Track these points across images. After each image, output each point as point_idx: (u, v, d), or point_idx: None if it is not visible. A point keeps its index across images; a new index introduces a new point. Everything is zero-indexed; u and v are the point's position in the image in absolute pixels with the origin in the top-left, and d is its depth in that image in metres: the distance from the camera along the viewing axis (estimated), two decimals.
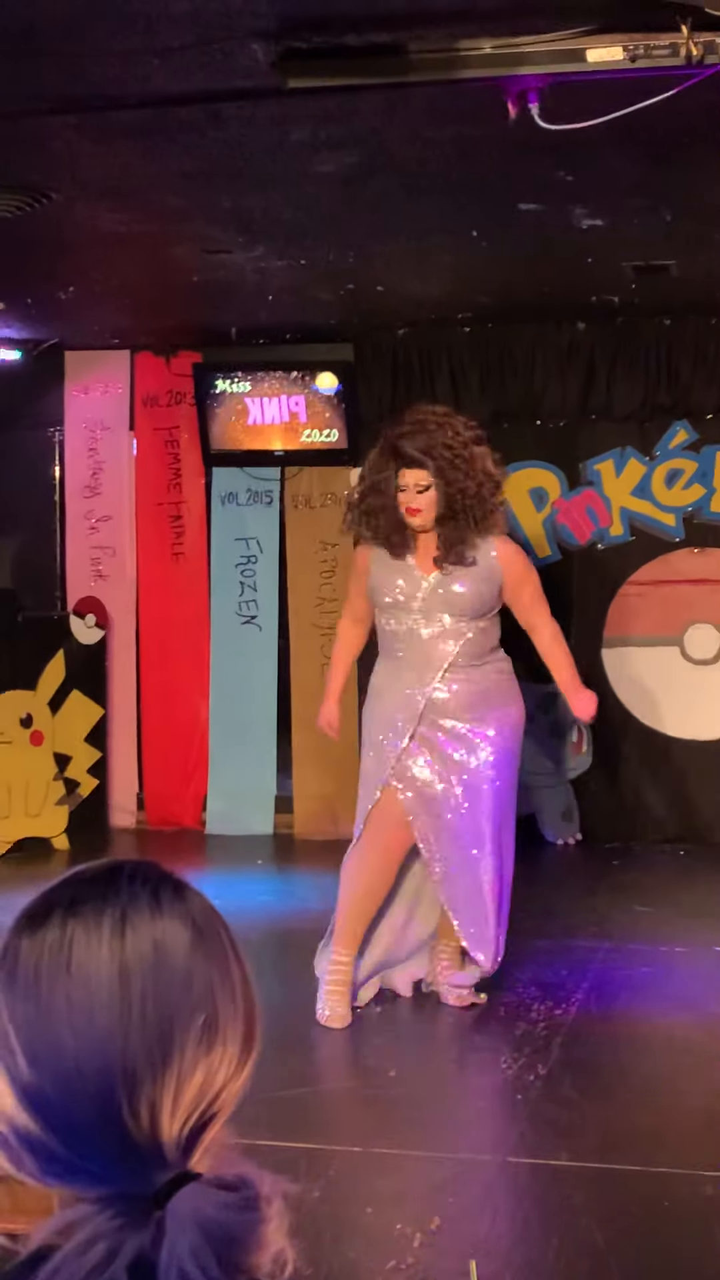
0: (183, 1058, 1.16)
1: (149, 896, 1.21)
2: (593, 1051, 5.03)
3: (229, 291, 7.37)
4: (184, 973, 1.19)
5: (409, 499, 5.43)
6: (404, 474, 5.43)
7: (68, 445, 9.02)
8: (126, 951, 1.17)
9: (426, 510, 5.41)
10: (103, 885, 1.22)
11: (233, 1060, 1.20)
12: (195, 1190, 1.13)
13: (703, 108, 4.10)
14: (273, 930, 6.63)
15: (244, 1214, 1.12)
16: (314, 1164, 3.97)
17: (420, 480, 5.40)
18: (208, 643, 8.88)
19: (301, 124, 4.84)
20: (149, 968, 1.17)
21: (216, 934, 1.23)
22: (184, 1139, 1.16)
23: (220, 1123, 1.20)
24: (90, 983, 1.17)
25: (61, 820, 8.47)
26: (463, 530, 5.43)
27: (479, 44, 3.97)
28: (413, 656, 5.49)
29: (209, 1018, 1.18)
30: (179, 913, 1.21)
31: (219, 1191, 1.13)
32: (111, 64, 4.31)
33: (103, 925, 1.18)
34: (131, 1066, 1.15)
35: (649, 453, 8.35)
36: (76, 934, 1.18)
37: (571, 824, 8.44)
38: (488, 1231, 3.68)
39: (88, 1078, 1.15)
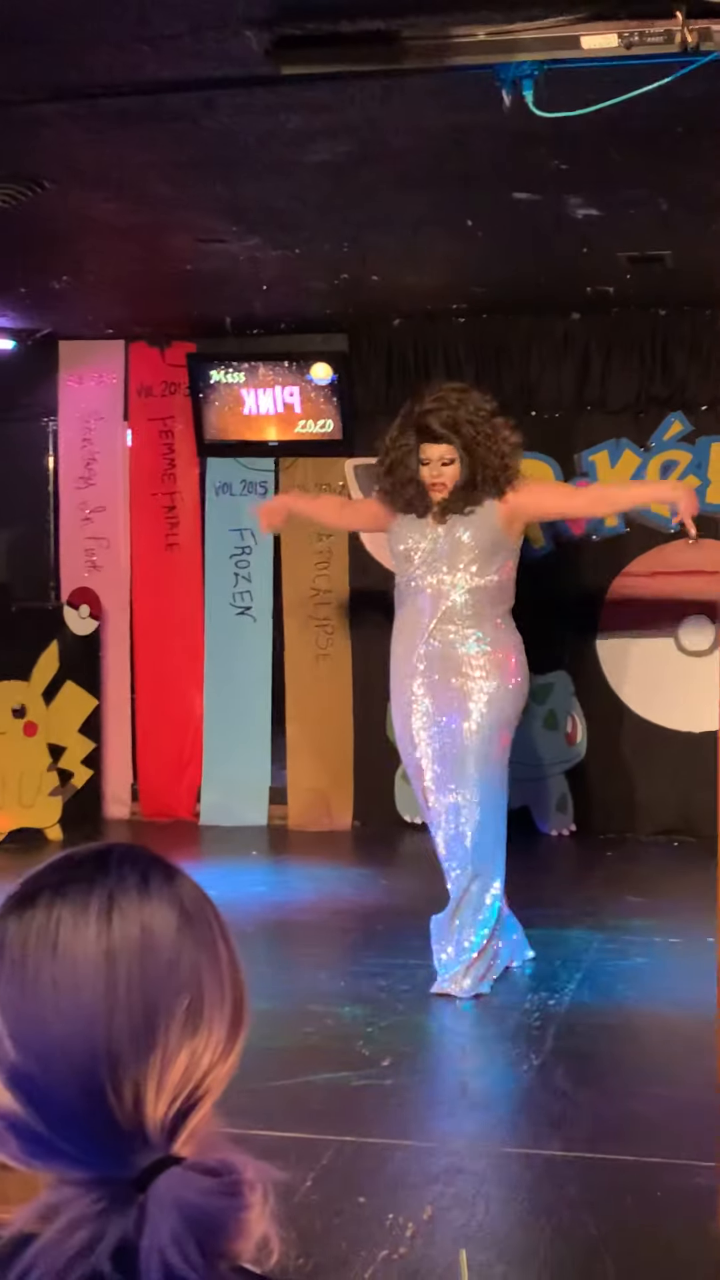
0: (167, 1041, 1.16)
1: (138, 880, 1.20)
2: (586, 1042, 5.03)
3: (223, 281, 7.35)
4: (170, 956, 1.18)
5: (432, 473, 5.64)
6: (427, 449, 5.65)
7: (62, 436, 9.00)
8: (113, 934, 1.17)
9: (449, 482, 5.64)
10: (92, 868, 1.21)
11: (219, 1044, 1.19)
12: (177, 1175, 1.12)
13: (698, 96, 4.09)
14: (266, 921, 6.62)
15: (226, 1200, 1.11)
16: (306, 1154, 3.96)
17: (445, 454, 5.62)
18: (202, 634, 8.87)
19: (296, 113, 4.83)
20: (135, 951, 1.17)
21: (205, 919, 1.23)
22: (168, 1123, 1.15)
23: (206, 1107, 1.19)
24: (76, 965, 1.16)
25: (55, 811, 8.46)
26: (473, 497, 5.65)
27: (473, 31, 3.96)
28: (416, 604, 5.69)
29: (194, 1001, 1.18)
30: (167, 897, 1.21)
31: (201, 1177, 1.12)
32: (104, 52, 4.29)
33: (90, 908, 1.18)
34: (116, 1049, 1.14)
35: (644, 444, 8.33)
36: (63, 916, 1.18)
37: (565, 815, 8.44)
38: (480, 1222, 3.68)
39: (72, 1060, 1.14)
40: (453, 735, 5.59)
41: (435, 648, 5.63)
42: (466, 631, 5.63)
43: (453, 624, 5.63)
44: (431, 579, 5.67)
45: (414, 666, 5.66)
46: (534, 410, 8.24)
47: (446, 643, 5.62)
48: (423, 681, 5.64)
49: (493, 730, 5.61)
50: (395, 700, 5.81)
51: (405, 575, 5.77)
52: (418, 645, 5.64)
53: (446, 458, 5.63)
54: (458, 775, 5.58)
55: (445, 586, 5.64)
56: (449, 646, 5.62)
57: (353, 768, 8.69)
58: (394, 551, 5.84)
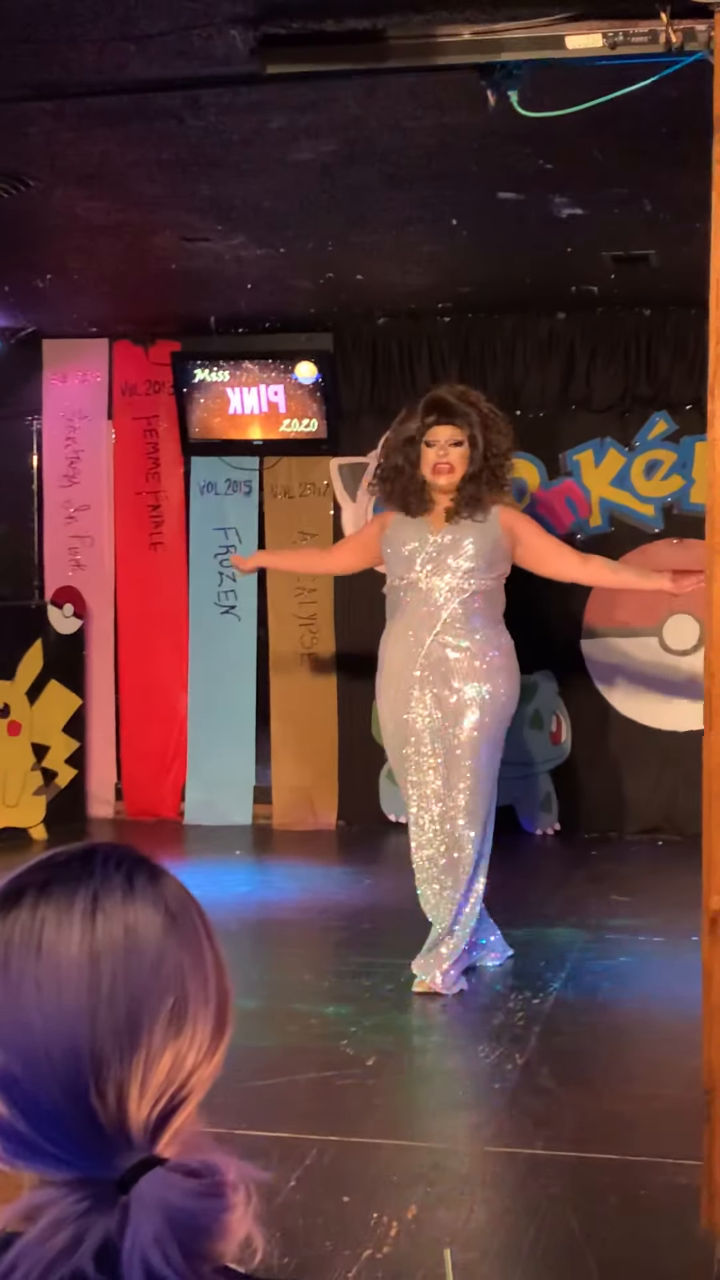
0: (150, 1042, 1.16)
1: (122, 880, 1.20)
2: (570, 1041, 5.03)
3: (208, 280, 7.35)
4: (154, 957, 1.18)
5: (439, 454, 5.58)
6: (436, 430, 5.60)
7: (45, 434, 8.99)
8: (97, 935, 1.17)
9: (457, 466, 5.59)
10: (77, 868, 1.21)
11: (203, 1045, 1.19)
12: (160, 1176, 1.12)
13: (682, 96, 4.09)
14: (251, 920, 6.62)
15: (208, 1201, 1.11)
16: (290, 1153, 3.96)
17: (455, 435, 5.58)
18: (186, 633, 8.86)
19: (280, 111, 4.83)
20: (119, 952, 1.17)
21: (190, 919, 1.23)
22: (152, 1123, 1.16)
23: (190, 1108, 1.19)
24: (59, 965, 1.16)
25: (39, 810, 8.45)
26: (480, 489, 5.61)
27: (458, 30, 3.96)
28: (415, 608, 5.60)
29: (178, 1002, 1.18)
30: (152, 897, 1.21)
31: (184, 1178, 1.12)
32: (89, 50, 4.29)
33: (74, 908, 1.18)
34: (99, 1049, 1.14)
35: (628, 443, 8.35)
36: (48, 916, 1.18)
37: (550, 814, 8.45)
38: (465, 1221, 3.68)
39: (55, 1060, 1.14)
40: (454, 740, 5.55)
41: (438, 654, 5.57)
42: (467, 638, 5.58)
43: (455, 629, 5.58)
44: (434, 583, 5.60)
45: (412, 675, 5.59)
46: (519, 409, 8.23)
47: (448, 648, 5.57)
48: (424, 687, 5.58)
49: (492, 735, 5.60)
50: (390, 702, 5.71)
51: (403, 578, 5.68)
52: (418, 651, 5.58)
53: (456, 438, 5.58)
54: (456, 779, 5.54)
55: (449, 592, 5.58)
56: (451, 651, 5.57)
57: (337, 767, 8.69)
58: (391, 553, 5.73)
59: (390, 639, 5.73)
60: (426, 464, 5.61)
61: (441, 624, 5.56)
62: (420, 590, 5.61)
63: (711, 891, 3.45)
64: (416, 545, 5.64)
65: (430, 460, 5.60)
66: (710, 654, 3.45)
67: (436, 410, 5.62)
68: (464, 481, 5.60)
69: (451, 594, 5.58)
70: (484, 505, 5.63)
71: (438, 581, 5.59)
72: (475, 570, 5.59)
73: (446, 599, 5.57)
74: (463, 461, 5.58)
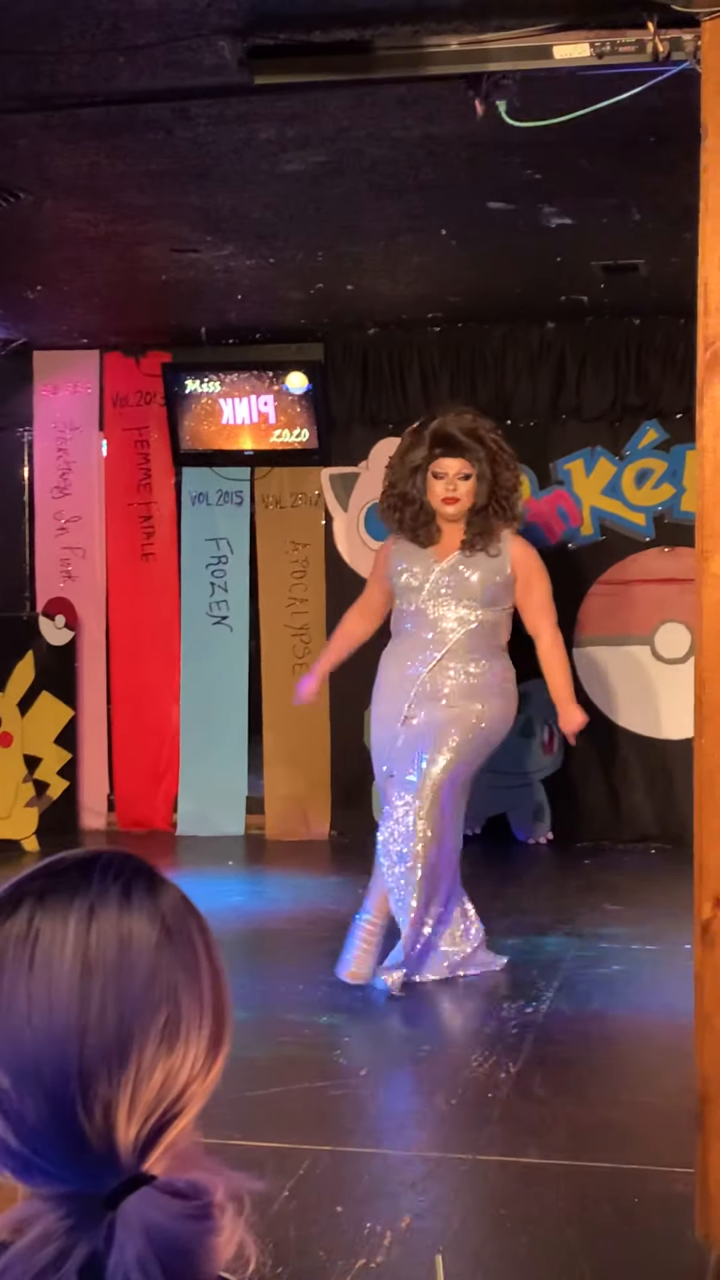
0: (141, 1059, 1.15)
1: (119, 892, 1.19)
2: (563, 1049, 5.03)
3: (198, 291, 7.35)
4: (146, 975, 1.17)
5: (447, 487, 5.59)
6: (444, 462, 5.60)
7: (37, 446, 8.98)
8: (90, 950, 1.16)
9: (464, 500, 5.60)
10: (75, 877, 1.20)
11: (196, 1061, 1.18)
12: (146, 1196, 1.11)
13: (670, 105, 4.10)
14: (244, 931, 6.61)
15: (194, 1223, 1.10)
16: (283, 1163, 3.95)
17: (464, 469, 5.59)
18: (178, 644, 8.86)
19: (269, 122, 4.83)
20: (111, 966, 1.16)
21: (187, 932, 1.21)
22: (141, 1141, 1.15)
23: (183, 1124, 1.18)
24: (52, 978, 1.15)
25: (31, 822, 8.44)
26: (491, 521, 5.64)
27: (446, 41, 3.97)
28: (418, 634, 5.64)
29: (170, 1019, 1.17)
30: (148, 909, 1.19)
31: (170, 1199, 1.11)
32: (77, 62, 4.29)
33: (69, 919, 1.17)
34: (88, 1066, 1.13)
35: (619, 452, 8.36)
36: (42, 927, 1.17)
37: (542, 823, 8.45)
38: (458, 1230, 3.67)
39: (44, 1074, 1.13)
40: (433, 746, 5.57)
41: (437, 680, 5.62)
42: (468, 666, 5.62)
43: (457, 659, 5.62)
44: (439, 613, 5.65)
45: (407, 696, 5.62)
46: (509, 419, 8.25)
47: (448, 675, 5.61)
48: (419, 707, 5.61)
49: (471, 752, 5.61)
50: (379, 716, 5.79)
51: (410, 605, 5.72)
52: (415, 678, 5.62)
53: (465, 472, 5.60)
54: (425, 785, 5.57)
55: (455, 622, 5.63)
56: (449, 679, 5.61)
57: (330, 777, 8.68)
58: (397, 580, 5.75)
59: (392, 658, 5.78)
60: (434, 495, 5.64)
61: (445, 653, 5.61)
62: (425, 619, 5.67)
63: (704, 900, 3.45)
64: (422, 574, 5.67)
65: (439, 492, 5.62)
66: (701, 662, 3.46)
67: (445, 444, 5.62)
68: (473, 514, 5.64)
69: (458, 624, 5.63)
70: (495, 536, 5.67)
71: (443, 612, 5.65)
72: (480, 602, 5.64)
73: (452, 629, 5.63)
74: (470, 495, 5.62)
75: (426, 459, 5.63)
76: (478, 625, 5.64)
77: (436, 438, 5.62)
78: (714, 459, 3.42)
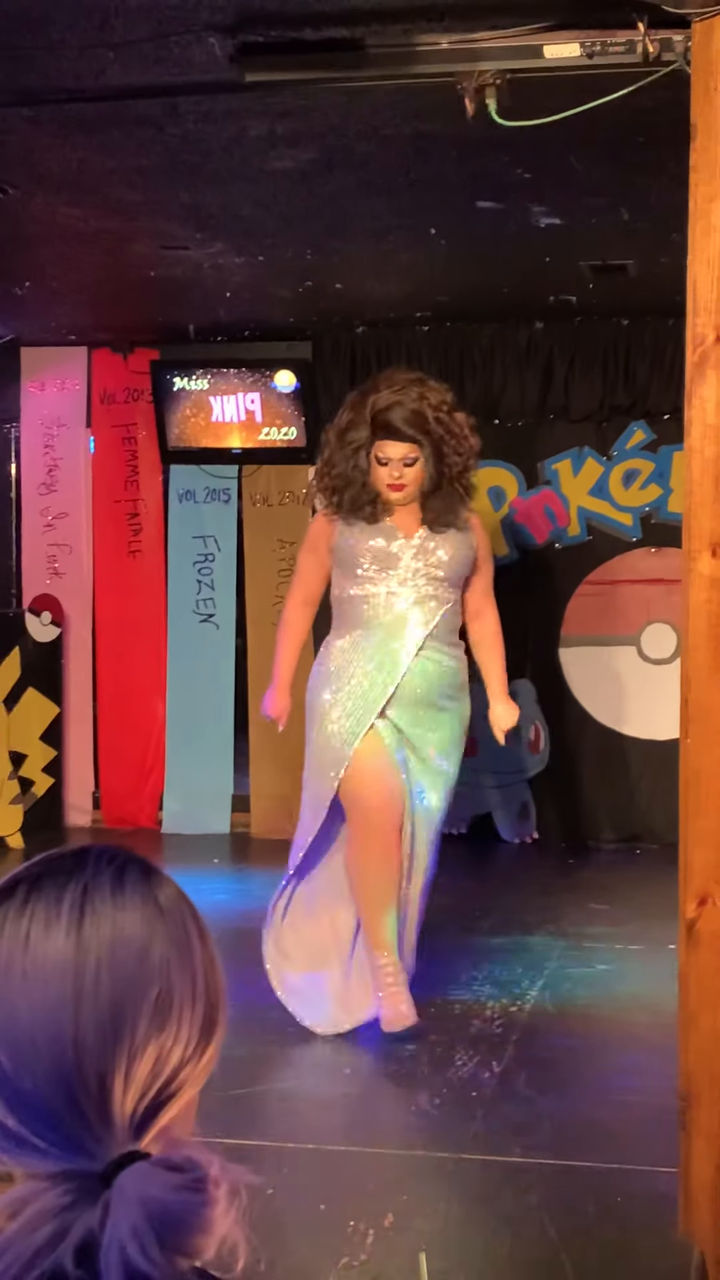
0: (134, 1035, 1.17)
1: (113, 876, 1.23)
2: (548, 1049, 5.03)
3: (187, 288, 7.35)
4: (139, 950, 1.20)
5: (391, 474, 5.04)
6: (386, 445, 5.03)
7: (24, 442, 8.97)
8: (84, 929, 1.19)
9: (411, 486, 5.05)
10: (70, 864, 1.24)
11: (190, 1042, 1.20)
12: (141, 1169, 1.13)
13: (660, 106, 4.11)
14: (228, 929, 6.60)
15: (189, 1195, 1.12)
16: (267, 1161, 3.95)
17: (408, 454, 5.02)
18: (164, 641, 8.85)
19: (259, 119, 4.83)
20: (105, 945, 1.19)
21: (180, 917, 1.24)
22: (137, 1118, 1.17)
23: (179, 1105, 1.20)
24: (46, 956, 1.18)
25: (16, 819, 8.43)
26: (453, 502, 5.11)
27: (436, 39, 3.97)
28: (386, 628, 5.05)
29: (162, 995, 1.19)
30: (142, 894, 1.23)
31: (165, 1172, 1.13)
32: (67, 57, 4.29)
33: (63, 901, 1.20)
34: (82, 1040, 1.16)
35: (606, 453, 8.37)
36: (37, 910, 1.20)
37: (528, 823, 8.45)
38: (441, 1228, 3.68)
39: (40, 1051, 1.16)
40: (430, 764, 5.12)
41: (425, 669, 5.07)
42: (440, 654, 5.10)
43: (439, 644, 5.10)
44: (407, 595, 5.06)
45: (384, 694, 5.03)
46: (497, 419, 8.26)
47: (423, 667, 5.07)
48: (399, 707, 5.07)
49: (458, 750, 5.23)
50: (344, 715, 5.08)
51: (370, 589, 5.08)
52: (395, 670, 5.03)
53: (410, 457, 5.01)
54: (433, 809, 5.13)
55: (434, 603, 5.07)
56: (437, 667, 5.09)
57: None
58: (350, 562, 5.09)
59: (354, 652, 5.09)
60: (378, 479, 5.07)
61: (426, 638, 5.05)
62: (394, 603, 5.06)
63: (688, 899, 3.46)
64: (385, 550, 5.08)
65: (383, 478, 5.05)
66: (687, 662, 3.46)
67: (386, 428, 5.02)
68: (427, 496, 5.09)
69: (437, 604, 5.07)
70: (459, 513, 5.13)
71: (409, 598, 5.05)
72: (448, 582, 5.10)
73: (432, 611, 5.07)
74: (416, 480, 5.05)
75: (368, 440, 5.05)
76: (447, 611, 5.09)
77: (377, 421, 5.02)
78: (701, 459, 3.43)
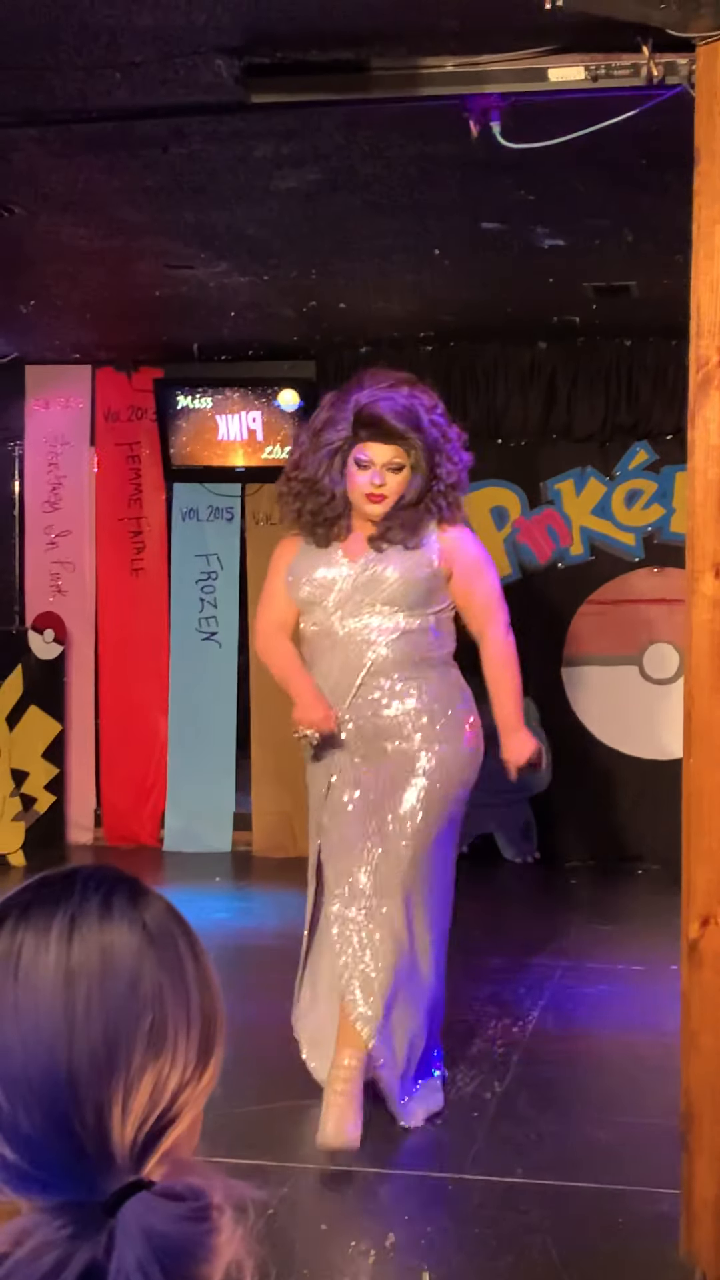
0: (129, 1065, 1.15)
1: (100, 902, 1.21)
2: (549, 1069, 5.03)
3: (191, 307, 7.37)
4: (130, 978, 1.18)
5: (372, 480, 4.41)
6: (371, 447, 4.40)
7: (28, 460, 8.99)
8: (73, 957, 1.17)
9: (392, 495, 4.43)
10: (57, 890, 1.22)
11: (187, 1066, 1.19)
12: (144, 1201, 1.11)
13: (663, 129, 4.12)
14: (230, 947, 6.60)
15: (193, 1225, 1.11)
16: (269, 1181, 3.94)
17: (395, 458, 4.40)
18: (167, 659, 8.86)
19: (264, 140, 4.85)
20: (95, 973, 1.17)
21: (170, 939, 1.22)
22: (138, 1146, 1.15)
23: (180, 1129, 1.19)
24: (37, 989, 1.16)
25: (18, 837, 8.42)
26: (420, 519, 4.47)
27: (441, 62, 3.99)
28: (332, 661, 4.48)
29: (156, 1022, 1.17)
30: (129, 918, 1.21)
31: (168, 1202, 1.11)
32: (74, 77, 4.30)
33: (51, 931, 1.18)
34: (77, 1072, 1.14)
35: (609, 473, 8.39)
36: (26, 941, 1.18)
37: (530, 842, 8.45)
38: (443, 1249, 3.67)
39: (35, 1085, 1.14)
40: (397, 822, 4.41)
41: (363, 712, 4.44)
42: (400, 687, 4.43)
43: (383, 679, 4.43)
44: (352, 624, 4.45)
45: (337, 739, 4.45)
46: (500, 438, 8.27)
47: (376, 704, 4.44)
48: (352, 754, 4.46)
49: (444, 806, 4.47)
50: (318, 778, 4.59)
51: (316, 622, 4.54)
52: (339, 710, 4.44)
53: (396, 462, 4.39)
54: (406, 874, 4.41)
55: (370, 633, 4.43)
56: (380, 708, 4.44)
57: None
58: (298, 593, 4.56)
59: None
60: (355, 487, 4.43)
61: (365, 674, 4.42)
62: (337, 635, 4.48)
63: (690, 920, 3.46)
64: (328, 580, 4.49)
65: (361, 485, 4.41)
66: (690, 682, 3.46)
67: (372, 428, 4.40)
68: (397, 508, 4.46)
69: (379, 635, 4.43)
70: (418, 530, 4.47)
71: (357, 624, 4.45)
72: (405, 600, 4.43)
73: (373, 641, 4.43)
74: (400, 489, 4.42)
75: (348, 441, 4.42)
76: (409, 631, 4.43)
77: (362, 418, 4.39)
78: (704, 480, 3.44)
